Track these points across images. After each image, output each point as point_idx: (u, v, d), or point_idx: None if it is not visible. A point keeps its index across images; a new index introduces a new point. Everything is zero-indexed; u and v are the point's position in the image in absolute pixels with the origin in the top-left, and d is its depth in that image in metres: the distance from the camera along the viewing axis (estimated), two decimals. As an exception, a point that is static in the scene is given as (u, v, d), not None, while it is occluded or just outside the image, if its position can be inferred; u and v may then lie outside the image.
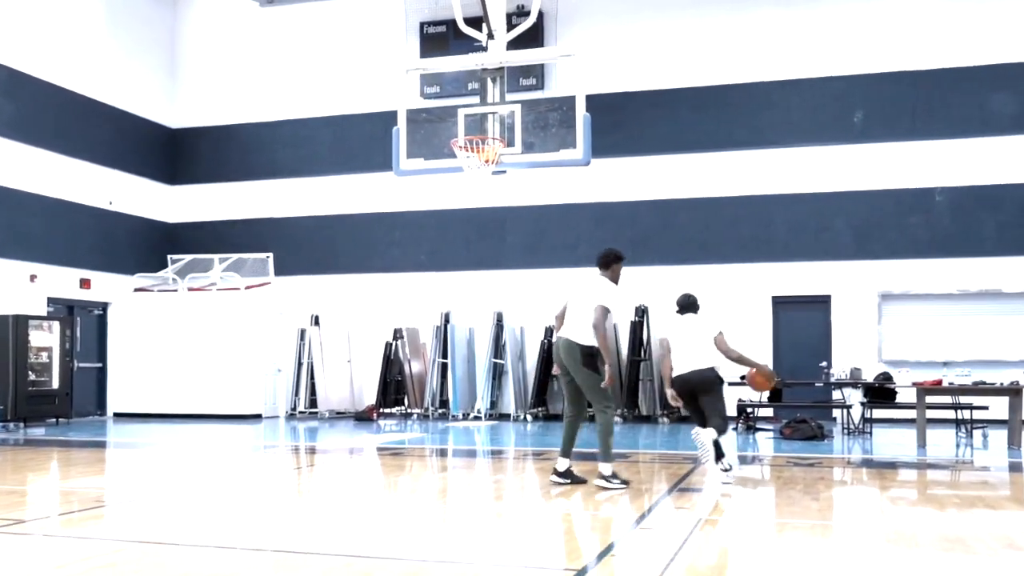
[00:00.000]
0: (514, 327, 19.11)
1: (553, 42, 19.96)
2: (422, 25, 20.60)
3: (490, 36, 10.24)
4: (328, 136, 20.84)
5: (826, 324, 18.48)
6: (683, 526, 6.80)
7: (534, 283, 19.47)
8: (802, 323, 18.65)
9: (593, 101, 19.40)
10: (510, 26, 19.56)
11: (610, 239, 19.17)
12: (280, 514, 7.75)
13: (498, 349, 18.77)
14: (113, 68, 20.53)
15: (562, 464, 8.68)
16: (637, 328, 18.04)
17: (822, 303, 18.52)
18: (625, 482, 8.36)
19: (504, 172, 11.32)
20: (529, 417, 18.17)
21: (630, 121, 19.42)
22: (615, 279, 8.55)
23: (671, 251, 19.06)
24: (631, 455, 11.98)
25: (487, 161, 9.56)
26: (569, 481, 8.60)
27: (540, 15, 19.96)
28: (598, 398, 8.27)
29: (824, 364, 16.17)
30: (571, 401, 8.60)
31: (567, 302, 8.49)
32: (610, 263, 8.52)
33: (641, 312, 18.09)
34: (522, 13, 20.15)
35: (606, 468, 8.30)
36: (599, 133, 19.42)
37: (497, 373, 18.85)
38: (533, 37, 19.73)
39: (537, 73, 19.92)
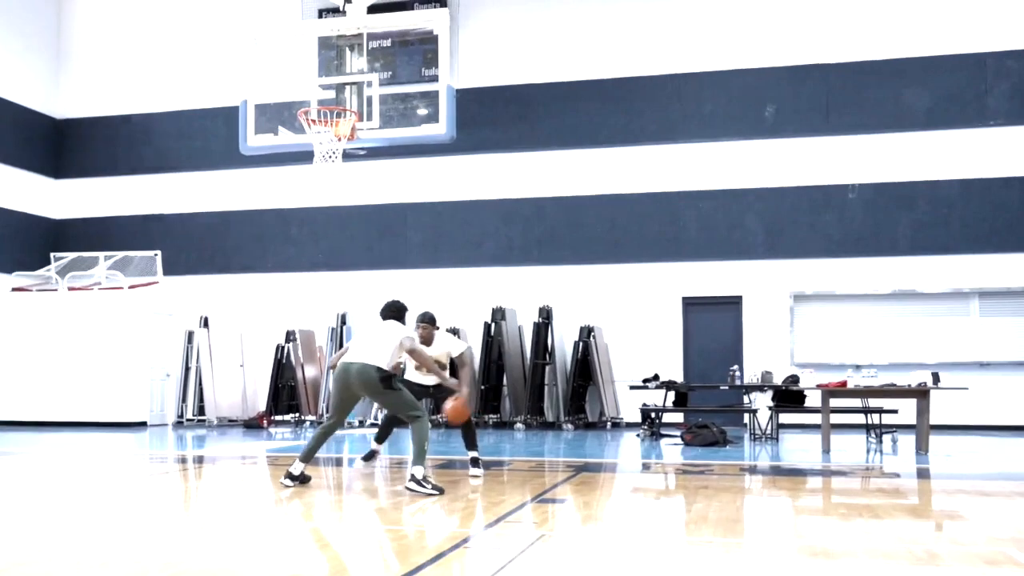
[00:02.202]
0: (415, 329, 18.15)
1: (456, 31, 19.10)
2: (320, 12, 19.62)
3: (347, 0, 9.30)
4: (221, 128, 19.68)
5: (738, 326, 17.81)
6: (519, 541, 5.92)
7: (437, 283, 18.57)
8: (713, 325, 17.96)
9: (498, 93, 18.84)
10: (408, 10, 18.78)
11: (516, 236, 18.49)
12: (136, 530, 6.74)
13: (397, 352, 17.77)
14: (-10, 53, 19.26)
15: (297, 468, 8.53)
16: (541, 330, 17.21)
17: (733, 304, 17.85)
18: (439, 489, 8.06)
19: (363, 152, 10.37)
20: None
21: (536, 114, 18.62)
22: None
23: (578, 250, 18.28)
24: (512, 462, 11.11)
25: (340, 137, 8.62)
26: (298, 483, 8.51)
27: (443, 2, 19.19)
28: (408, 409, 8.31)
29: (735, 367, 15.45)
30: (338, 410, 8.54)
31: (356, 339, 8.58)
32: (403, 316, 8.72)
33: (546, 313, 17.26)
34: (428, 0, 19.37)
35: (419, 471, 8.07)
36: (504, 126, 18.72)
37: (396, 377, 17.86)
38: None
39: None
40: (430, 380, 9.28)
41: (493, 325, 17.38)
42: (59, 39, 21.04)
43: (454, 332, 17.48)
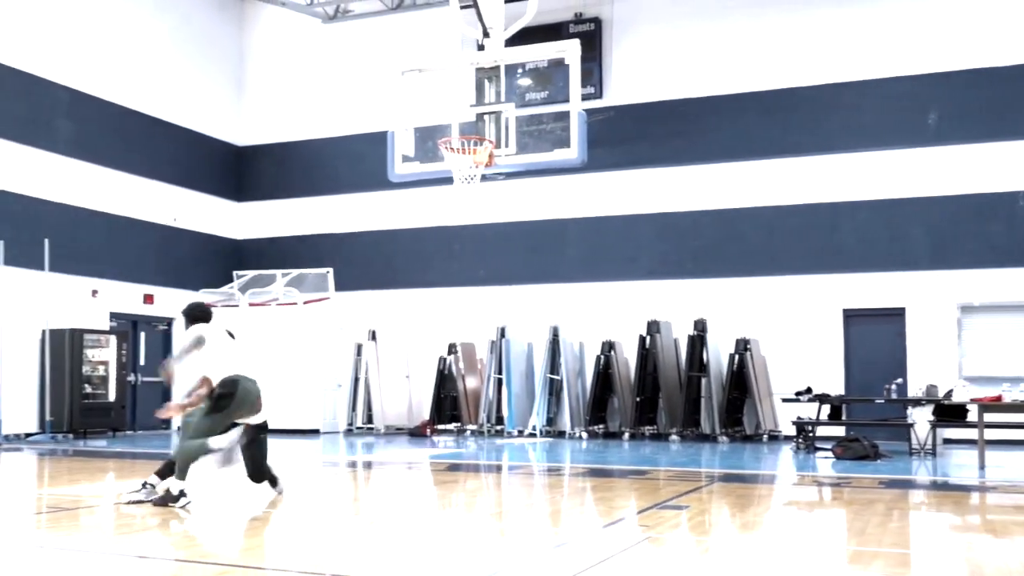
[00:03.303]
0: (572, 342, 18.56)
1: (610, 49, 19.51)
2: (479, 44, 20.35)
3: (485, 34, 9.80)
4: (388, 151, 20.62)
5: (901, 338, 17.40)
6: (622, 541, 6.22)
7: (593, 297, 18.94)
8: (875, 337, 17.61)
9: (653, 108, 19.08)
10: (561, 33, 19.26)
11: (672, 249, 18.66)
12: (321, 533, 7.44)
13: (555, 364, 18.23)
14: (179, 88, 20.87)
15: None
16: (696, 342, 17.28)
17: (897, 316, 17.46)
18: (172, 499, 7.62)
19: (501, 176, 10.84)
20: (585, 435, 17.58)
21: (691, 128, 18.77)
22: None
23: (734, 262, 18.29)
24: (650, 471, 11.34)
25: (478, 164, 9.13)
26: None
27: (597, 22, 19.62)
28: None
29: (895, 381, 15.13)
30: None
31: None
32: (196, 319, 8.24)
33: (701, 326, 17.33)
34: (580, 21, 19.82)
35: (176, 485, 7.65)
36: (660, 141, 18.95)
37: (554, 389, 18.31)
38: (589, 45, 19.36)
39: (595, 82, 19.44)
40: None
41: (648, 338, 17.57)
42: (240, 73, 22.57)
43: (609, 346, 17.80)
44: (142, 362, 19.44)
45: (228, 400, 7.79)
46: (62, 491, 7.32)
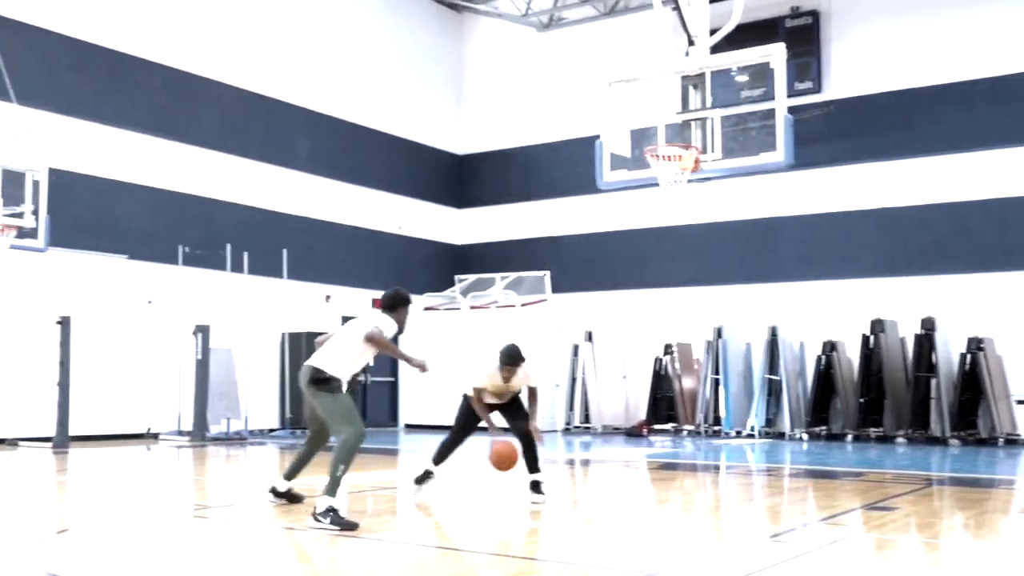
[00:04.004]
0: (792, 342, 18.22)
1: (829, 42, 19.03)
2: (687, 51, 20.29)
3: (690, 43, 9.86)
4: (596, 159, 20.94)
5: None
6: (824, 539, 6.17)
7: (811, 295, 18.53)
8: None
9: (874, 101, 18.50)
10: (776, 28, 18.93)
11: (897, 246, 18.01)
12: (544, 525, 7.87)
13: (773, 364, 17.96)
14: (403, 102, 21.97)
15: (282, 486, 8.02)
16: (924, 342, 16.59)
17: None
18: (349, 525, 6.76)
19: (708, 180, 10.84)
20: (806, 436, 17.24)
21: (916, 119, 18.04)
22: (400, 322, 7.72)
23: (964, 258, 17.44)
24: (867, 473, 11.04)
25: (684, 170, 9.23)
26: (285, 501, 7.98)
27: (815, 15, 19.18)
28: (335, 420, 7.29)
29: None
30: (310, 419, 8.17)
31: (333, 334, 7.81)
32: (396, 306, 7.71)
33: (929, 325, 16.62)
34: (797, 15, 19.44)
35: (323, 502, 6.84)
36: (881, 134, 18.32)
37: (773, 390, 18.05)
38: (807, 39, 18.99)
39: (813, 76, 19.01)
40: (502, 399, 8.53)
41: (872, 337, 17.02)
42: (459, 84, 23.48)
43: (831, 346, 17.37)
44: (371, 363, 20.54)
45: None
46: (299, 481, 7.97)
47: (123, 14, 16.77)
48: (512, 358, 8.15)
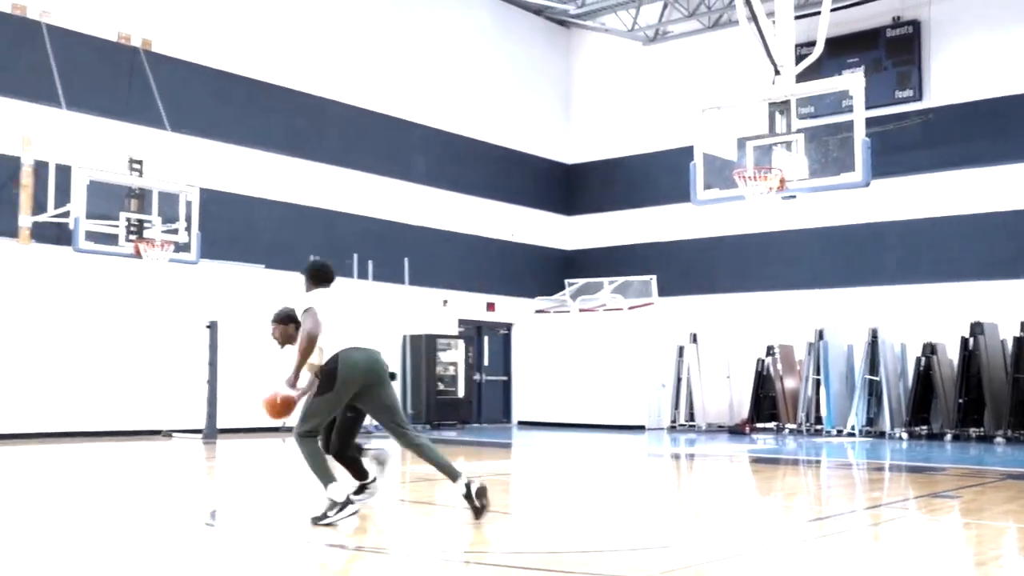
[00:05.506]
0: (892, 343, 18.73)
1: (930, 50, 19.43)
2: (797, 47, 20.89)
3: (776, 72, 10.72)
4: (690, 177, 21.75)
5: None
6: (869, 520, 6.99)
7: (913, 299, 18.99)
8: None
9: (975, 108, 18.88)
10: (877, 38, 19.44)
11: (998, 250, 18.37)
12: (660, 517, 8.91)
13: (874, 365, 18.49)
14: (514, 115, 23.16)
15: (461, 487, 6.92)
16: (1023, 344, 16.91)
17: None
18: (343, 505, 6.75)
19: (793, 197, 11.66)
20: (905, 435, 17.74)
21: (1013, 126, 18.33)
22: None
23: (1066, 261, 17.68)
24: (947, 468, 11.66)
25: (771, 189, 10.11)
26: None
27: (916, 24, 19.61)
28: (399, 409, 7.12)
29: None
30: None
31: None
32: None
33: (1030, 326, 16.95)
34: (899, 24, 19.89)
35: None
36: (983, 140, 18.69)
37: (874, 390, 18.58)
38: (907, 48, 19.47)
39: (913, 84, 19.45)
40: None
41: (971, 339, 17.42)
42: (567, 97, 24.57)
43: (931, 347, 17.83)
44: (486, 363, 21.88)
45: (332, 379, 6.76)
46: (422, 468, 9.08)
47: (259, 46, 18.34)
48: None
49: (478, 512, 6.70)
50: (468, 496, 6.69)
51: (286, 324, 7.55)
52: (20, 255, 14.89)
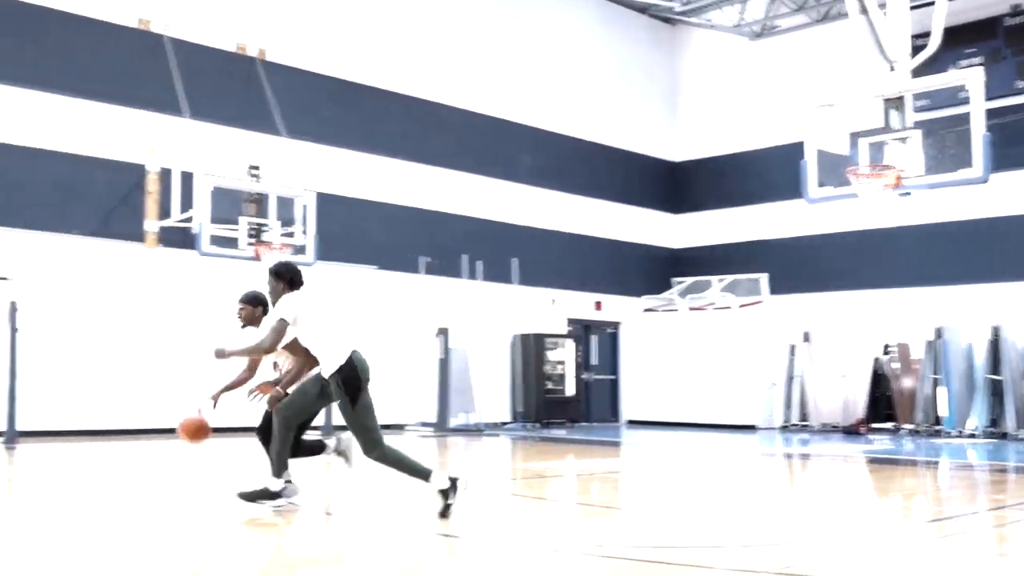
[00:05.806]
0: (1015, 342, 18.07)
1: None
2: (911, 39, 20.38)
3: (891, 68, 10.48)
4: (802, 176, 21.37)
5: None
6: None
7: (1032, 296, 18.34)
8: None
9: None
10: (995, 28, 18.86)
11: None
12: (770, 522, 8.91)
13: (996, 364, 17.88)
14: (620, 114, 23.15)
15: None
16: None
17: None
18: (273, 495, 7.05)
19: (908, 194, 11.36)
20: (1031, 436, 17.13)
21: None
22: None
23: None
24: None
25: (886, 187, 9.89)
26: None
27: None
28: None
29: None
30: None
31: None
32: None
33: None
34: (1018, 12, 19.27)
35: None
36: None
37: (997, 390, 17.97)
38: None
39: (1038, 73, 18.80)
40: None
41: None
42: (673, 94, 24.43)
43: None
44: (594, 361, 21.92)
45: (357, 384, 6.84)
46: (533, 465, 9.23)
47: (369, 53, 18.75)
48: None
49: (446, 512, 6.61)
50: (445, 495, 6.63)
51: (255, 306, 7.57)
52: (147, 258, 15.55)
